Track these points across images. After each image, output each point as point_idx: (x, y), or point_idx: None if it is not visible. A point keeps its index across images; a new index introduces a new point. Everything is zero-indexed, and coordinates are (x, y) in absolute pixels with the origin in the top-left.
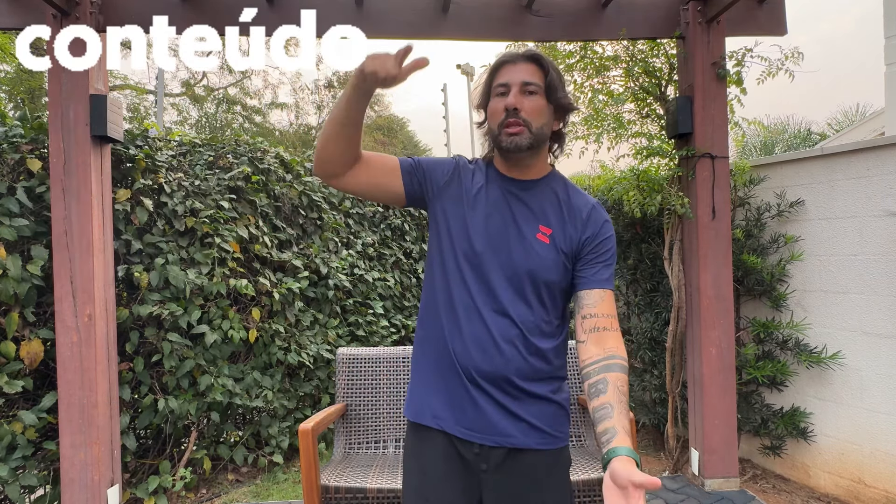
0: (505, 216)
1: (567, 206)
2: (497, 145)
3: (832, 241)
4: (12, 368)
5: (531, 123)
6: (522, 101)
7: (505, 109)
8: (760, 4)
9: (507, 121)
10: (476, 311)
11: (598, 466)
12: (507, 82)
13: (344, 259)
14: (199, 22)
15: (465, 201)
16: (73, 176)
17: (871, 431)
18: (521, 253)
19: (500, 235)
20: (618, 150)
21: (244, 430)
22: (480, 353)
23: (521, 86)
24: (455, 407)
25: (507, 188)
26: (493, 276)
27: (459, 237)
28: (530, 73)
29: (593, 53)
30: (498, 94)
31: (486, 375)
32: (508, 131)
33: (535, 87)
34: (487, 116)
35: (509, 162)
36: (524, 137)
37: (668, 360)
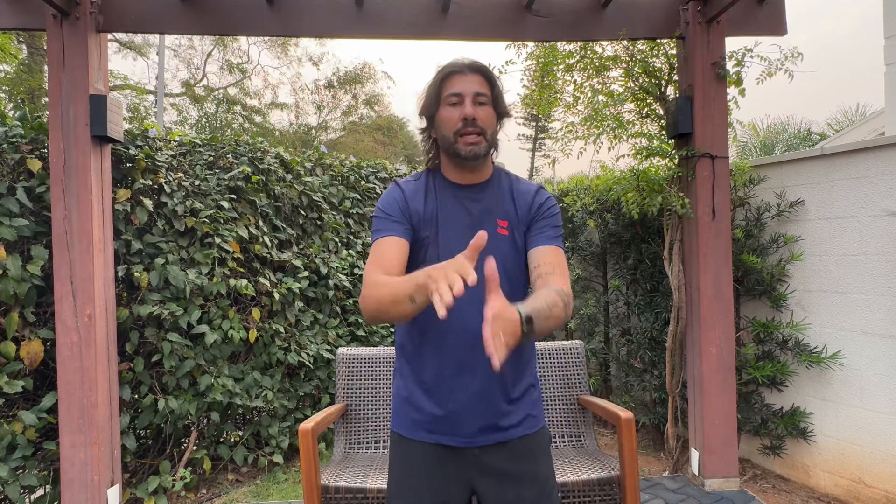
0: (464, 225)
1: (516, 194)
2: (454, 153)
3: (832, 241)
4: (12, 368)
5: (486, 132)
6: (477, 110)
7: (462, 119)
8: (760, 4)
9: (466, 129)
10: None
11: (598, 466)
12: (460, 92)
13: (344, 259)
14: (199, 23)
15: (426, 226)
16: (73, 176)
17: (871, 431)
18: (495, 253)
19: (465, 241)
20: (618, 151)
21: (244, 430)
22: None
23: (474, 96)
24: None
25: (460, 196)
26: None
27: (433, 260)
28: (480, 83)
29: (593, 53)
30: (450, 104)
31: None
32: (468, 140)
33: (485, 98)
34: (438, 124)
35: (463, 169)
36: (482, 146)
37: (668, 359)
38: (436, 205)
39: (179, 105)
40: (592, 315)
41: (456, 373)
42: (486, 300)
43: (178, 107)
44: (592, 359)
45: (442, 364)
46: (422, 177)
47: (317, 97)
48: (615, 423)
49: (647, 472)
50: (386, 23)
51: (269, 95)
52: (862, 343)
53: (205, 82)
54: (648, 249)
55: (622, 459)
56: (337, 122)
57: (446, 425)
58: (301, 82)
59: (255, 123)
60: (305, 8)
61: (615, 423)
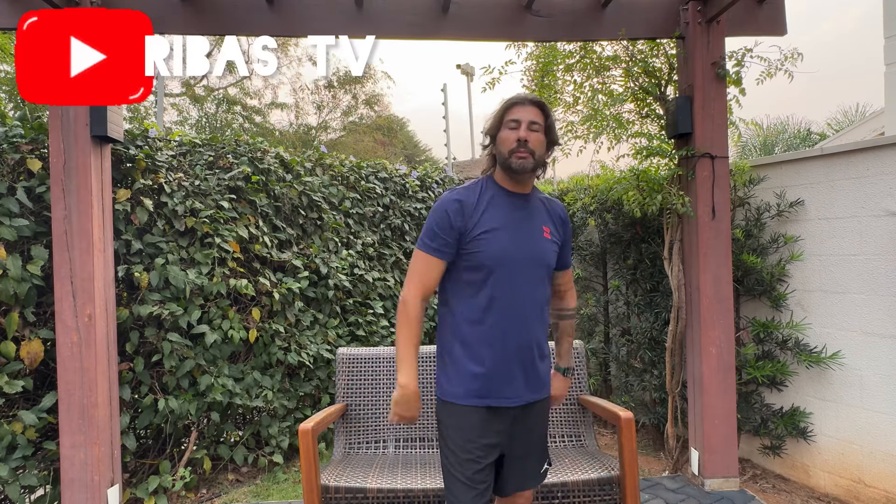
0: (514, 220)
1: (550, 212)
2: (507, 166)
3: (832, 241)
4: (12, 368)
5: (535, 152)
6: (530, 135)
7: (517, 140)
8: (760, 4)
9: (519, 149)
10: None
11: (598, 466)
12: (518, 119)
13: (344, 259)
14: (199, 23)
15: (483, 222)
16: (73, 176)
17: (871, 431)
18: (539, 248)
19: (524, 236)
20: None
21: (244, 430)
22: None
23: (528, 123)
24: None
25: (512, 201)
26: (522, 270)
27: (488, 246)
28: (536, 114)
29: (593, 53)
30: (509, 128)
31: (522, 346)
32: (519, 155)
33: (538, 127)
34: (497, 143)
35: (513, 180)
36: (529, 162)
37: (668, 359)
38: (493, 204)
39: (179, 105)
40: (592, 315)
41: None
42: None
43: (178, 107)
44: (592, 359)
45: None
46: (479, 183)
47: (317, 97)
48: (615, 423)
49: (647, 472)
50: (386, 23)
51: (269, 95)
52: (862, 343)
53: (205, 82)
54: (648, 249)
55: (622, 459)
56: (337, 122)
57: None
58: (301, 82)
59: (255, 123)
60: (305, 8)
61: (615, 423)
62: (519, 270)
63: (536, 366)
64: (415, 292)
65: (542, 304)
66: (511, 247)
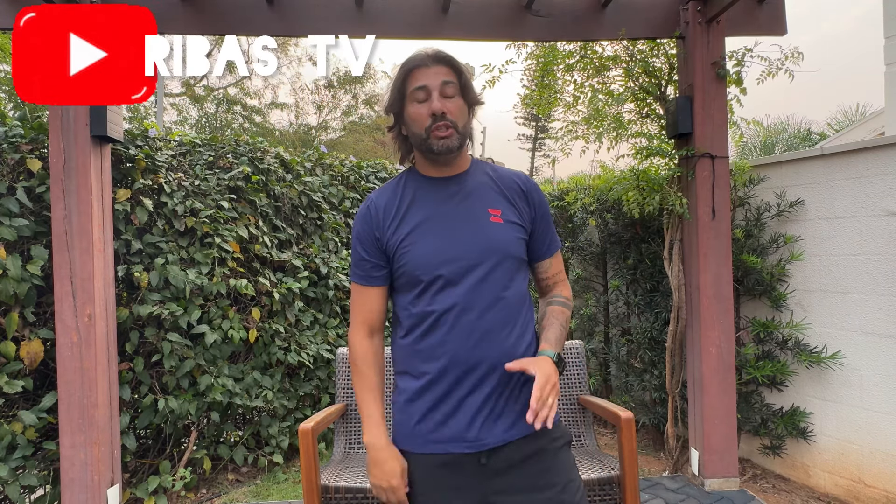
0: (451, 218)
1: (502, 184)
2: (427, 149)
3: (832, 241)
4: (12, 368)
5: (457, 124)
6: (446, 104)
7: (432, 115)
8: (760, 4)
9: (436, 125)
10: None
11: (598, 466)
12: (425, 85)
13: (344, 259)
14: (199, 23)
15: (405, 232)
16: (73, 176)
17: (871, 431)
18: (488, 238)
19: (462, 229)
20: (618, 150)
21: (244, 430)
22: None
23: (440, 87)
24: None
25: (438, 189)
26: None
27: (414, 263)
28: (446, 74)
29: (593, 53)
30: (417, 100)
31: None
32: (439, 135)
33: (453, 89)
34: (407, 122)
35: (438, 164)
36: (454, 139)
37: (668, 359)
38: (416, 201)
39: (179, 105)
40: (592, 315)
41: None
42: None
43: (178, 107)
44: (592, 359)
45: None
46: (400, 179)
47: (317, 97)
48: (615, 423)
49: (647, 472)
50: (386, 23)
51: (269, 95)
52: (862, 343)
53: (205, 82)
54: (648, 249)
55: (622, 459)
56: (337, 122)
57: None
58: (301, 82)
59: (255, 123)
60: (305, 8)
61: (615, 423)
62: (464, 273)
63: (511, 390)
64: (355, 330)
65: (511, 308)
66: (444, 246)
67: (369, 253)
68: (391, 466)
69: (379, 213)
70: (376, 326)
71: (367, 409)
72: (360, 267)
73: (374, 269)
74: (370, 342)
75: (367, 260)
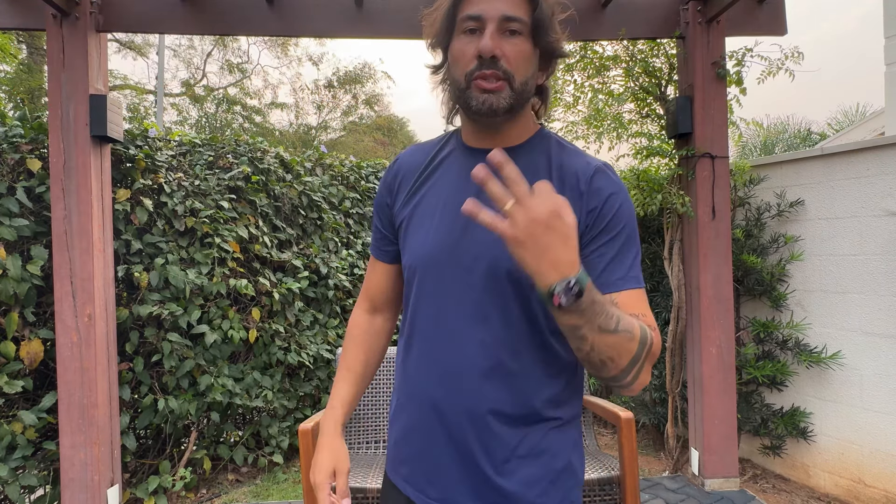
0: (458, 207)
1: (559, 172)
2: (464, 104)
3: (832, 241)
4: (12, 368)
5: (514, 77)
6: (502, 44)
7: (478, 56)
8: (760, 4)
9: (481, 72)
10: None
11: (598, 466)
12: (479, 14)
13: (344, 259)
14: (199, 23)
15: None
16: (73, 176)
17: (871, 431)
18: (492, 247)
19: (469, 225)
20: (618, 150)
21: (244, 430)
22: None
23: (500, 21)
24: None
25: (470, 165)
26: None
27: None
28: (514, 4)
29: (593, 53)
30: (466, 31)
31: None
32: (482, 85)
33: (520, 25)
34: (450, 61)
35: (478, 127)
36: (503, 97)
37: (668, 359)
38: (440, 170)
39: (179, 105)
40: None
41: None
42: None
43: (178, 107)
44: None
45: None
46: (442, 140)
47: (317, 97)
48: (615, 423)
49: (647, 472)
50: (386, 23)
51: (269, 95)
52: (862, 343)
53: (205, 82)
54: (648, 249)
55: (622, 459)
56: (337, 122)
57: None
58: (301, 82)
59: (255, 123)
60: (305, 8)
61: (615, 423)
62: (447, 285)
63: (492, 459)
64: (358, 302)
65: (502, 348)
66: (435, 241)
67: (381, 221)
68: (320, 459)
69: (398, 177)
70: (379, 304)
71: (333, 387)
72: (374, 235)
73: (383, 242)
74: (367, 318)
75: (378, 229)
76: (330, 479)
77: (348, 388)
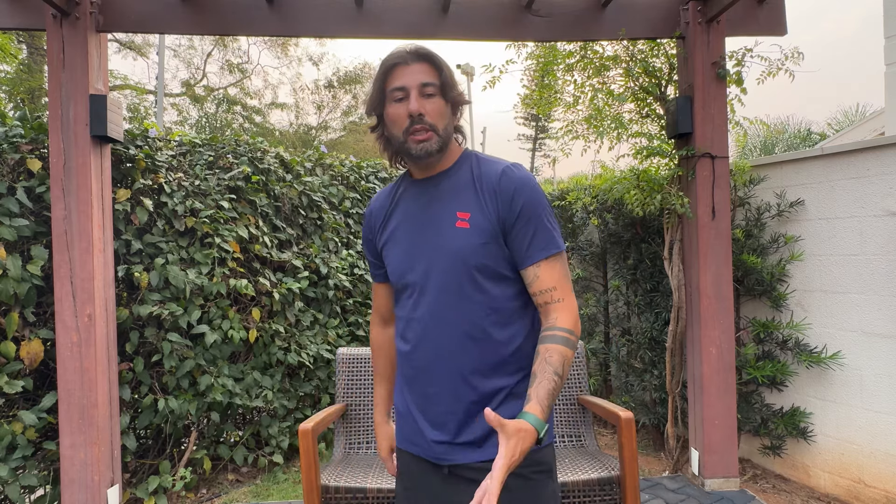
0: (415, 223)
1: (479, 181)
2: (406, 153)
3: (832, 241)
4: (12, 368)
5: (437, 126)
6: (424, 104)
7: (409, 116)
8: (760, 4)
9: (413, 127)
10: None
11: (598, 466)
12: (403, 86)
13: (344, 259)
14: (199, 23)
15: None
16: (73, 176)
17: (871, 431)
18: (446, 245)
19: (425, 233)
20: (618, 150)
21: (244, 430)
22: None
23: (419, 88)
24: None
25: (417, 192)
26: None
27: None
28: (425, 73)
29: (593, 53)
30: (396, 100)
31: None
32: (416, 138)
33: (433, 89)
34: (387, 123)
35: (419, 165)
36: (433, 142)
37: (668, 360)
38: (399, 203)
39: (179, 105)
40: (592, 315)
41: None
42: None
43: (178, 107)
44: (592, 359)
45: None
46: (397, 182)
47: (317, 97)
48: (615, 423)
49: (647, 472)
50: (386, 23)
51: (269, 95)
52: (862, 343)
53: (205, 82)
54: (648, 249)
55: (622, 459)
56: (337, 122)
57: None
58: (301, 82)
59: (255, 123)
60: (305, 8)
61: (615, 423)
62: (426, 282)
63: (467, 407)
64: (372, 320)
65: (472, 323)
66: (407, 253)
67: (371, 253)
68: (379, 443)
69: (372, 217)
70: (388, 317)
71: (374, 390)
72: (369, 264)
73: (375, 268)
74: (382, 331)
75: (370, 259)
76: (392, 454)
77: (384, 389)
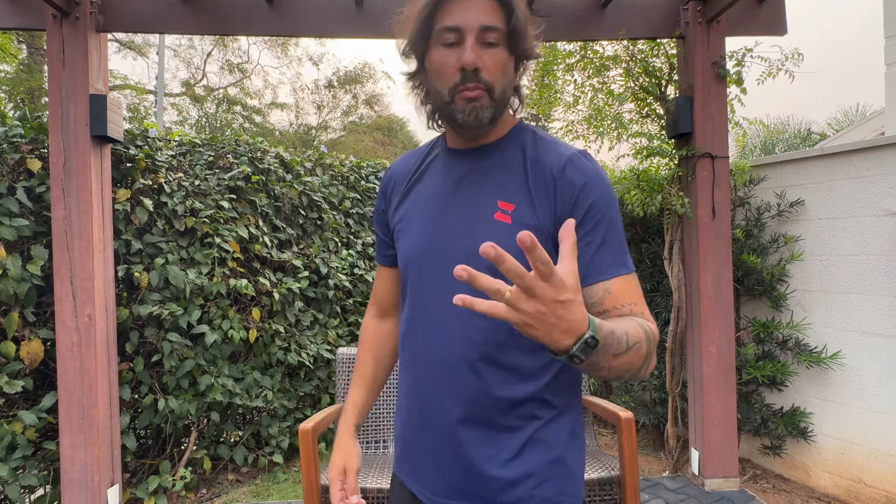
0: (453, 196)
1: (534, 166)
2: (448, 118)
3: (832, 241)
4: (12, 368)
5: (494, 87)
6: (483, 56)
7: (461, 69)
8: (760, 4)
9: (465, 86)
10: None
11: (598, 466)
12: (459, 26)
13: (344, 259)
14: (199, 23)
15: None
16: (73, 176)
17: (871, 431)
18: (474, 239)
19: (452, 219)
20: (618, 150)
21: (244, 430)
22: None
23: (479, 33)
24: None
25: (453, 164)
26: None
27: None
28: (490, 13)
29: (593, 53)
30: (445, 44)
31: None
32: (466, 98)
33: (497, 35)
34: (429, 71)
35: (462, 134)
36: (486, 109)
37: (668, 359)
38: (427, 172)
39: (179, 105)
40: None
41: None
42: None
43: (178, 107)
44: None
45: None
46: (430, 144)
47: (317, 97)
48: (615, 423)
49: (647, 472)
50: (386, 23)
51: (269, 95)
52: (862, 343)
53: (205, 82)
54: (648, 249)
55: (622, 459)
56: (337, 122)
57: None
58: (301, 82)
59: (255, 123)
60: (305, 8)
61: (615, 423)
62: (441, 283)
63: (469, 456)
64: (368, 308)
65: (485, 342)
66: (427, 240)
67: (380, 227)
68: (334, 458)
69: (390, 184)
70: (386, 308)
71: (348, 392)
72: (377, 242)
73: (384, 247)
74: (376, 323)
75: (379, 236)
76: (342, 477)
77: (359, 392)
